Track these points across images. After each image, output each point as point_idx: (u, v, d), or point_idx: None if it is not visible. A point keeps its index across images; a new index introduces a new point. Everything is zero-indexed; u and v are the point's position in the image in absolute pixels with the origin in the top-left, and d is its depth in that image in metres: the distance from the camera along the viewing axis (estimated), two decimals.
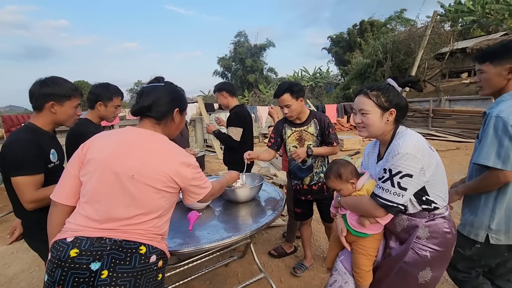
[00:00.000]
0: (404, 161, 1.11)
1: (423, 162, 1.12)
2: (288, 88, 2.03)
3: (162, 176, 1.07)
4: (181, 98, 1.24)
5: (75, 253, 0.97)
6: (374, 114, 1.22)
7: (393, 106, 1.21)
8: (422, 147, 1.14)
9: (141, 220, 1.06)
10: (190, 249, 1.35)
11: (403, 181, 1.11)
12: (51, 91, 1.41)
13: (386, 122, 1.23)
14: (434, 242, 1.19)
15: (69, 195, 1.09)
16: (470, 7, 17.29)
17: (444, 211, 1.22)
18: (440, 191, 1.20)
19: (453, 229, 1.23)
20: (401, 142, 1.14)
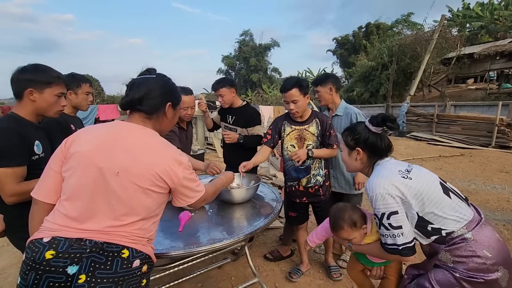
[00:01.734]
0: (380, 202, 1.11)
1: (399, 193, 1.10)
2: (297, 83, 1.93)
3: (150, 174, 0.98)
4: (174, 92, 1.16)
5: (51, 255, 0.89)
6: (344, 151, 1.36)
7: (359, 145, 1.27)
8: (390, 181, 1.11)
9: (125, 221, 0.97)
10: (178, 253, 1.27)
11: (393, 220, 1.10)
12: (29, 77, 1.32)
13: (356, 160, 1.30)
14: (463, 267, 1.06)
15: (51, 192, 1.01)
16: (478, 12, 17.13)
17: (465, 232, 1.07)
18: (445, 213, 1.09)
19: (488, 252, 1.04)
20: (369, 185, 1.16)
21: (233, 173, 1.68)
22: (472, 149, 8.27)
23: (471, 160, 6.82)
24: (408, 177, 1.13)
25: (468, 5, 18.32)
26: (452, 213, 1.09)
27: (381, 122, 1.24)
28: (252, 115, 2.65)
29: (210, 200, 1.32)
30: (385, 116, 1.23)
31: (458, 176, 5.46)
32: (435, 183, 1.15)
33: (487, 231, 1.09)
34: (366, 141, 1.26)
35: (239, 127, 2.62)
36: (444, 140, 9.54)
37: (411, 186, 1.10)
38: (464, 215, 1.11)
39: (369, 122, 1.27)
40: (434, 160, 6.93)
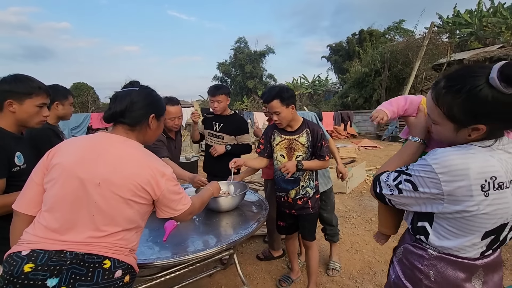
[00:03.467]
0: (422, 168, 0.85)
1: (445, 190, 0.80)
2: (278, 94, 1.84)
3: (131, 184, 0.99)
4: (157, 103, 1.17)
5: (29, 268, 0.89)
6: (444, 126, 0.87)
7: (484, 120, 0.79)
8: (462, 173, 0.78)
9: (106, 232, 0.98)
10: (162, 262, 1.28)
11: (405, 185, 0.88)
12: (8, 88, 1.32)
13: (468, 137, 0.84)
14: (401, 268, 0.97)
15: (32, 204, 1.02)
16: (467, 19, 17.52)
17: (432, 250, 0.90)
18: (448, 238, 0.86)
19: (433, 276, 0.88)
20: (442, 150, 0.83)
21: (218, 184, 1.68)
22: None
23: None
24: (487, 192, 0.77)
25: (458, 12, 18.75)
26: (459, 244, 0.85)
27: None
28: (241, 123, 2.70)
29: (196, 213, 1.31)
30: None
31: None
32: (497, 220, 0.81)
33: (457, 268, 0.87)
34: (501, 111, 0.76)
35: (226, 134, 2.64)
36: None
37: (474, 201, 0.78)
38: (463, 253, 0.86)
39: (499, 77, 0.72)
40: None
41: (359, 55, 19.53)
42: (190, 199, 1.18)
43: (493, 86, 0.74)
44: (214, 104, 2.58)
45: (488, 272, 0.89)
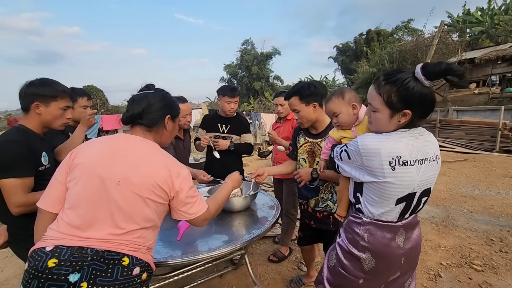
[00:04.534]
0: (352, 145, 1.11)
1: (364, 162, 1.05)
2: (297, 91, 1.73)
3: (149, 183, 1.02)
4: (172, 105, 1.21)
5: (53, 263, 0.91)
6: (383, 112, 1.05)
7: (411, 107, 1.00)
8: (375, 153, 1.02)
9: (125, 230, 1.00)
10: (176, 261, 1.28)
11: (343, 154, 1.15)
12: (35, 91, 1.38)
13: (399, 123, 1.05)
14: (345, 235, 1.20)
15: (56, 202, 1.05)
16: (478, 17, 17.21)
17: (366, 218, 1.13)
18: (372, 204, 1.10)
19: (367, 236, 1.11)
20: (366, 135, 1.10)
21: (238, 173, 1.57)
22: (476, 154, 8.19)
23: (474, 165, 6.76)
24: (394, 167, 1.00)
25: (468, 11, 18.43)
26: (380, 210, 1.10)
27: (443, 73, 0.95)
28: (246, 123, 2.72)
29: (212, 218, 1.23)
30: (449, 67, 0.94)
31: (461, 181, 5.42)
32: (404, 190, 1.05)
33: (384, 230, 1.11)
34: (422, 100, 0.98)
35: (234, 135, 2.65)
36: (447, 145, 9.47)
37: (383, 173, 1.02)
38: (385, 217, 1.10)
39: (422, 72, 0.96)
40: None
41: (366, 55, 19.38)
42: (206, 204, 1.18)
43: (418, 79, 0.98)
44: (231, 105, 2.55)
45: (408, 230, 1.14)
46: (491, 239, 3.06)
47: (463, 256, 2.75)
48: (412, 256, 1.19)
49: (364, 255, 1.13)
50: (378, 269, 1.13)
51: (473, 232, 3.27)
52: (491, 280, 2.37)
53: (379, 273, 1.15)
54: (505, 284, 2.32)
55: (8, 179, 1.26)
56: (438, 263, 2.64)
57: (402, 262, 1.15)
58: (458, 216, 3.74)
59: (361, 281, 1.15)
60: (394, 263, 1.15)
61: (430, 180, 1.10)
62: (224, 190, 1.39)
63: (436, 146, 1.12)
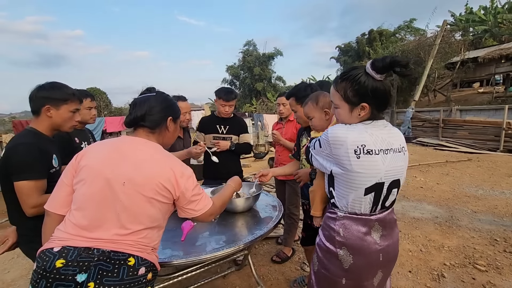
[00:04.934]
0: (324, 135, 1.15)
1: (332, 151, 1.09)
2: (293, 93, 1.78)
3: (154, 184, 1.04)
4: (173, 107, 1.24)
5: (61, 264, 0.94)
6: (343, 108, 1.13)
7: (365, 100, 1.07)
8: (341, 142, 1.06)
9: (130, 230, 1.02)
10: (179, 261, 1.30)
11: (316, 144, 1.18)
12: (46, 95, 1.42)
13: (359, 116, 1.11)
14: (323, 232, 1.22)
15: (62, 204, 1.08)
16: (481, 16, 17.10)
17: (340, 212, 1.16)
18: (342, 196, 1.13)
19: (342, 231, 1.13)
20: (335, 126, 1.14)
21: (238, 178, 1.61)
22: (480, 154, 8.15)
23: (478, 165, 6.72)
24: (359, 155, 1.04)
25: (471, 10, 18.33)
26: (350, 201, 1.11)
27: (389, 67, 1.03)
28: (243, 123, 2.73)
29: (218, 214, 1.30)
30: (394, 60, 1.01)
31: (465, 181, 5.39)
32: (371, 178, 1.07)
33: (358, 223, 1.13)
34: (374, 92, 1.05)
35: (234, 135, 2.66)
36: (451, 145, 9.43)
37: (349, 162, 1.04)
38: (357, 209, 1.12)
39: (371, 67, 1.05)
40: (441, 165, 6.85)
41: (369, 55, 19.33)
42: (210, 200, 1.22)
43: (369, 74, 1.06)
44: (225, 108, 2.55)
45: (385, 227, 1.15)
46: (495, 239, 3.05)
47: (467, 256, 2.74)
48: (390, 254, 1.18)
49: (341, 251, 1.13)
50: (357, 267, 1.13)
51: (477, 232, 3.26)
52: (495, 280, 2.36)
53: (359, 271, 1.14)
54: (509, 285, 2.31)
55: (23, 182, 1.29)
56: (441, 263, 2.64)
57: (381, 259, 1.15)
58: (462, 216, 3.73)
59: (343, 280, 1.15)
60: (372, 259, 1.14)
61: (398, 171, 1.12)
62: (227, 190, 1.43)
63: (402, 138, 1.16)
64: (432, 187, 5.10)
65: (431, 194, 4.68)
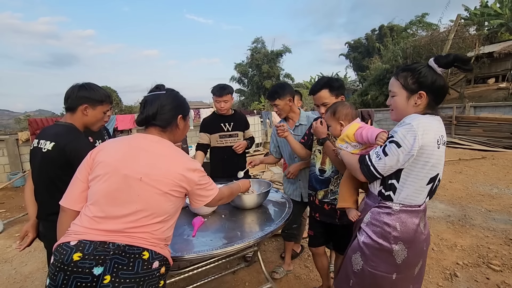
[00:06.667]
0: (403, 129, 1.09)
1: (421, 143, 1.06)
2: (327, 83, 1.74)
3: (169, 179, 1.08)
4: (183, 104, 1.26)
5: (78, 257, 0.97)
6: (400, 96, 1.19)
7: (424, 89, 1.13)
8: (429, 131, 1.07)
9: (145, 222, 1.06)
10: (190, 256, 1.32)
11: (389, 146, 1.11)
12: (87, 95, 1.50)
13: (414, 106, 1.16)
14: (372, 229, 1.17)
15: (78, 200, 1.11)
16: (497, 10, 16.53)
17: (396, 206, 1.15)
18: (407, 186, 1.13)
19: (399, 226, 1.13)
20: (414, 115, 1.12)
21: (249, 181, 1.76)
22: (495, 152, 7.92)
23: (493, 163, 6.54)
24: (439, 146, 1.09)
25: (486, 3, 17.74)
26: (412, 190, 1.13)
27: (452, 62, 1.11)
28: (245, 118, 2.73)
29: (226, 201, 1.43)
30: (457, 56, 1.10)
31: (479, 180, 5.26)
32: (436, 169, 1.14)
33: (413, 215, 1.15)
34: (433, 83, 1.12)
35: (239, 131, 2.67)
36: (464, 142, 9.20)
37: (432, 152, 1.08)
38: (415, 200, 1.14)
39: (434, 61, 1.14)
40: (454, 163, 6.70)
41: (379, 51, 19.01)
42: (217, 187, 1.29)
43: (431, 67, 1.14)
44: (220, 104, 2.52)
45: (424, 215, 1.20)
46: (510, 239, 2.97)
47: (481, 256, 2.68)
48: (428, 242, 1.22)
49: (396, 246, 1.12)
50: (409, 260, 1.13)
51: (491, 231, 3.19)
52: (510, 280, 2.30)
53: (410, 264, 1.15)
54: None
55: None
56: (454, 263, 2.59)
57: (424, 248, 1.18)
58: (476, 215, 3.65)
59: (394, 276, 1.14)
60: (419, 250, 1.17)
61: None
62: (235, 185, 1.58)
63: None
64: (444, 185, 4.99)
65: (443, 193, 4.59)
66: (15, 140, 6.75)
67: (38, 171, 1.47)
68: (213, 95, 2.56)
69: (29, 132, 6.66)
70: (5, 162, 6.72)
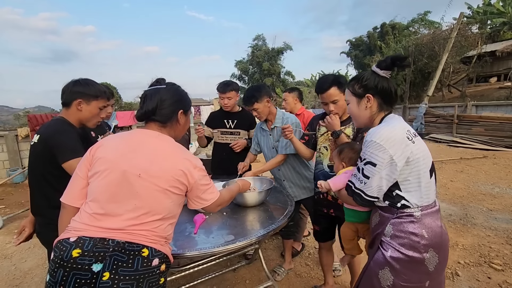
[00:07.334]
0: (370, 149, 1.11)
1: (391, 152, 1.06)
2: (335, 81, 1.74)
3: (168, 175, 1.06)
4: (184, 99, 1.22)
5: (77, 253, 0.95)
6: (352, 103, 1.28)
7: (369, 91, 1.21)
8: (393, 136, 1.08)
9: (145, 220, 1.04)
10: (192, 254, 1.31)
11: (366, 169, 1.12)
12: (81, 90, 1.49)
13: (366, 109, 1.24)
14: (398, 242, 1.11)
15: (78, 197, 1.10)
16: (500, 8, 16.43)
17: (416, 211, 1.10)
18: (419, 186, 1.11)
19: (426, 232, 1.08)
20: (373, 130, 1.14)
21: (250, 182, 1.74)
22: (496, 151, 7.91)
23: (494, 163, 6.53)
24: (412, 140, 1.10)
25: (489, 1, 17.62)
26: (423, 189, 1.11)
27: (391, 64, 1.18)
28: (252, 118, 2.69)
29: (225, 205, 1.39)
30: (394, 57, 1.18)
31: (480, 179, 5.24)
32: (429, 159, 1.15)
33: (434, 217, 1.13)
34: (377, 86, 1.20)
35: (242, 130, 2.64)
36: (465, 141, 9.18)
37: (410, 149, 1.08)
38: (429, 197, 1.13)
39: (376, 66, 1.22)
40: (455, 162, 6.68)
41: (381, 49, 18.91)
42: (218, 191, 1.25)
43: (375, 72, 1.22)
44: (224, 101, 2.54)
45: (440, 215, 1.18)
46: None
47: (482, 255, 2.67)
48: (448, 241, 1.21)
49: (427, 255, 1.08)
50: (440, 264, 1.11)
51: (492, 231, 3.17)
52: None
53: (441, 268, 1.12)
54: None
55: (73, 160, 1.36)
56: (455, 262, 2.58)
57: (448, 247, 1.17)
58: (477, 215, 3.64)
59: (427, 283, 1.10)
60: (447, 251, 1.15)
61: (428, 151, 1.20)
62: (234, 186, 1.55)
63: None
64: (445, 184, 4.98)
65: (444, 192, 4.57)
66: (15, 136, 6.74)
67: (31, 166, 1.49)
68: (217, 91, 2.56)
69: (29, 128, 6.65)
70: (5, 158, 6.71)
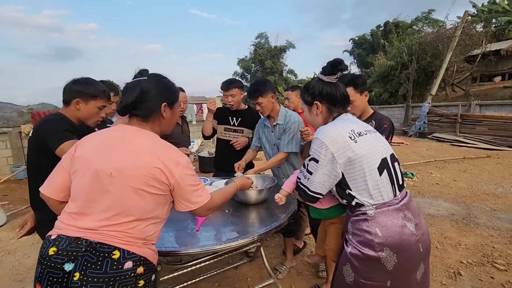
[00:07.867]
0: (314, 146, 1.16)
1: (333, 150, 1.11)
2: (351, 81, 1.70)
3: (141, 174, 0.98)
4: (168, 91, 1.12)
5: (53, 252, 0.95)
6: (305, 111, 1.36)
7: (316, 98, 1.28)
8: (335, 135, 1.12)
9: (118, 221, 0.98)
10: (194, 251, 1.30)
11: (310, 164, 1.16)
12: (80, 89, 1.51)
13: (318, 115, 1.30)
14: (356, 239, 1.13)
15: (58, 189, 1.07)
16: (505, 7, 16.26)
17: (370, 209, 1.10)
18: (366, 185, 1.11)
19: (380, 231, 1.07)
20: (319, 129, 1.19)
21: (251, 180, 1.70)
22: (500, 151, 7.85)
23: (498, 162, 6.48)
24: (355, 139, 1.13)
25: (494, 0, 17.45)
26: (371, 188, 1.11)
27: (332, 69, 1.25)
28: (258, 117, 2.68)
29: (216, 210, 1.29)
30: (334, 62, 1.25)
31: (484, 178, 5.21)
32: (376, 157, 1.14)
33: (392, 215, 1.10)
34: (321, 92, 1.27)
35: (246, 128, 2.64)
36: (468, 141, 9.12)
37: (351, 148, 1.10)
38: (381, 195, 1.12)
39: (320, 73, 1.29)
40: (458, 162, 6.64)
41: (384, 48, 18.81)
42: (209, 194, 1.15)
43: (320, 79, 1.29)
44: (228, 98, 2.54)
45: (414, 215, 1.15)
46: None
47: (485, 255, 2.66)
48: (426, 243, 1.17)
49: (383, 254, 1.06)
50: (402, 265, 1.08)
51: (496, 230, 3.16)
52: None
53: (404, 269, 1.09)
54: None
55: (64, 143, 1.37)
56: (458, 261, 2.57)
57: (421, 250, 1.12)
58: (480, 214, 3.62)
59: (388, 283, 1.09)
60: (414, 253, 1.10)
61: (387, 146, 1.23)
62: (231, 187, 1.43)
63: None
64: (448, 183, 4.96)
65: (447, 191, 4.55)
66: (18, 133, 6.78)
67: (28, 161, 1.52)
68: (221, 90, 2.57)
69: (32, 125, 6.68)
70: (8, 155, 6.75)
